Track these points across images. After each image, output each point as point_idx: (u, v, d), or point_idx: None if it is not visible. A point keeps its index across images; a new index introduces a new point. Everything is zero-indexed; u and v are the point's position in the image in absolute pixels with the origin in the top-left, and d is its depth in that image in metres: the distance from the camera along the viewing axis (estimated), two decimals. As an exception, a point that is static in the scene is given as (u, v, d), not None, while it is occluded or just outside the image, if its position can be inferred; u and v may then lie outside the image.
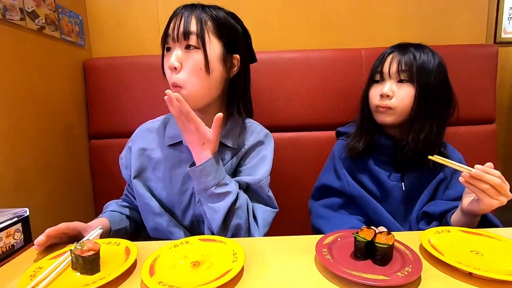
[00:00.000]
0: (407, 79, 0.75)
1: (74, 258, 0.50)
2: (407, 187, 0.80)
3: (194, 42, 0.66)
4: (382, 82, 0.79)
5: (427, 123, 0.75)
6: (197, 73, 0.67)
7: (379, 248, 0.49)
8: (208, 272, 0.48)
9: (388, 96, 0.76)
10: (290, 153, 1.11)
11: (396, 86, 0.77)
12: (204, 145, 0.66)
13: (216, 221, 0.67)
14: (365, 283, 0.44)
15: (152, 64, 1.10)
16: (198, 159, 0.67)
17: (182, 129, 0.67)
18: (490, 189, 0.59)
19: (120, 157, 0.82)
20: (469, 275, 0.47)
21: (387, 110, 0.77)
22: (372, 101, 0.81)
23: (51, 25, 0.94)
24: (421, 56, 0.75)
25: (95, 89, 1.12)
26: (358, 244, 0.51)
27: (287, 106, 1.11)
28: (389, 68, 0.77)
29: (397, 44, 0.81)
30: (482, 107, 1.11)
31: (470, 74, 1.09)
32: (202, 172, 0.65)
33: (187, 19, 0.66)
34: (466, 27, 1.21)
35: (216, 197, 0.66)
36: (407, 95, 0.75)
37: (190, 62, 0.67)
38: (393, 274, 0.46)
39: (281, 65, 1.10)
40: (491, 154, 1.11)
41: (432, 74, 0.75)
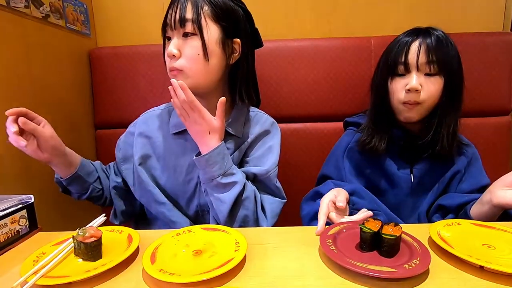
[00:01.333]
0: (436, 72, 0.70)
1: (77, 245, 0.50)
2: (416, 179, 0.78)
3: (190, 29, 0.65)
4: (407, 74, 0.72)
5: (452, 116, 0.72)
6: (195, 59, 0.66)
7: (386, 239, 0.48)
8: (210, 261, 0.47)
9: (417, 91, 0.70)
10: (296, 145, 1.10)
11: (424, 79, 0.71)
12: (210, 133, 0.65)
13: (223, 212, 0.66)
14: (370, 274, 0.42)
15: (157, 53, 1.06)
16: (204, 148, 0.66)
17: (185, 119, 0.66)
18: None
19: (119, 138, 0.83)
20: (480, 268, 0.45)
21: (415, 106, 0.71)
22: (396, 97, 0.74)
23: (55, 13, 0.93)
24: (447, 45, 0.71)
25: (100, 78, 1.11)
26: (364, 235, 0.50)
27: (293, 96, 1.09)
28: (417, 59, 0.70)
29: (416, 28, 0.75)
30: (497, 98, 1.07)
31: (485, 64, 1.05)
32: (208, 162, 0.65)
33: (183, 6, 0.65)
34: (481, 13, 1.15)
35: (223, 187, 0.66)
36: (436, 89, 0.71)
37: (188, 49, 0.66)
38: (400, 266, 0.44)
39: (287, 54, 1.08)
40: (505, 146, 1.07)
41: (456, 65, 0.72)
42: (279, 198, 0.75)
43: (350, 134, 0.86)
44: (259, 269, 0.48)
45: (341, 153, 0.84)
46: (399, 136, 0.78)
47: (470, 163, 0.79)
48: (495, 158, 1.03)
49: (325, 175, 0.85)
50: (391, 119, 0.78)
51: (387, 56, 0.76)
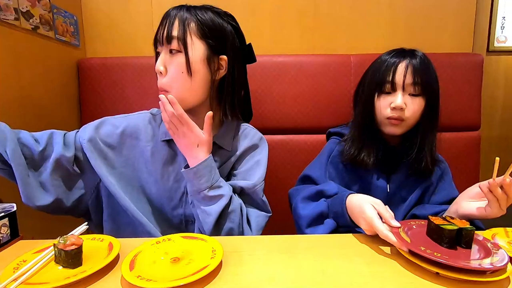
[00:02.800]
0: (420, 93, 0.75)
1: (57, 252, 0.51)
2: (392, 189, 0.82)
3: (175, 46, 0.67)
4: (393, 93, 0.77)
5: (430, 131, 0.78)
6: (179, 76, 0.68)
7: (465, 233, 0.53)
8: (187, 268, 0.50)
9: (401, 109, 0.75)
10: (279, 156, 1.13)
11: (408, 98, 0.76)
12: (199, 146, 0.67)
13: (208, 224, 0.67)
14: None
15: (146, 65, 1.12)
16: (193, 161, 0.68)
17: (174, 133, 0.68)
18: (504, 200, 0.61)
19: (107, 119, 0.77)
20: (436, 274, 0.49)
21: (399, 122, 0.76)
22: (381, 113, 0.78)
23: (45, 25, 0.96)
24: (429, 68, 0.77)
25: (88, 88, 1.13)
26: (449, 233, 0.53)
27: (277, 109, 1.13)
28: (404, 80, 0.74)
29: (402, 50, 0.79)
30: (468, 114, 1.14)
31: (456, 82, 1.12)
32: (196, 174, 0.66)
33: (171, 23, 0.67)
34: (453, 35, 1.24)
35: (209, 200, 0.67)
36: (418, 108, 0.76)
37: (173, 66, 0.68)
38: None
39: (272, 69, 1.13)
40: (475, 159, 1.13)
41: (435, 85, 0.78)
42: (264, 212, 0.76)
43: (333, 143, 0.90)
44: (233, 276, 0.50)
45: (326, 159, 0.87)
46: (379, 148, 0.82)
47: (442, 177, 0.85)
48: (466, 171, 1.10)
49: (309, 176, 0.86)
50: (374, 132, 0.82)
51: (375, 74, 0.80)
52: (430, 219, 0.57)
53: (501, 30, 1.43)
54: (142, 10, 1.19)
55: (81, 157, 0.72)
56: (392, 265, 0.53)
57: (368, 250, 0.59)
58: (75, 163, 0.71)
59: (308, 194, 0.77)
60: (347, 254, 0.57)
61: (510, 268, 0.48)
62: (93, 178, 0.74)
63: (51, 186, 0.68)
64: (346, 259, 0.55)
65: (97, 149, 0.72)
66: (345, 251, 0.58)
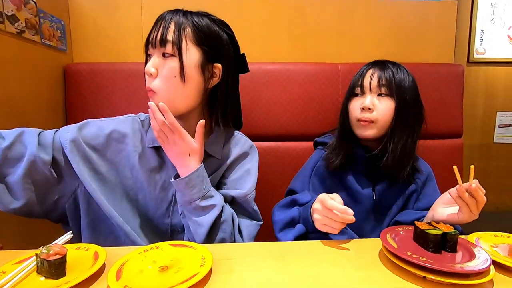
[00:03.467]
0: (387, 93, 0.79)
1: (39, 262, 0.49)
2: (377, 197, 0.83)
3: (170, 50, 0.65)
4: (362, 95, 0.82)
5: (404, 137, 0.79)
6: (171, 80, 0.66)
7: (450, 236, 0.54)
8: (175, 276, 0.49)
9: (370, 109, 0.79)
10: (269, 162, 1.14)
11: (376, 99, 0.80)
12: (190, 155, 0.65)
13: (200, 235, 0.66)
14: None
15: (134, 71, 1.11)
16: (184, 170, 0.65)
17: (164, 141, 0.65)
18: (474, 204, 0.63)
19: (92, 121, 0.73)
20: (423, 278, 0.50)
21: (369, 124, 0.79)
22: (352, 114, 0.83)
23: (31, 29, 0.94)
24: (398, 73, 0.80)
25: (75, 94, 1.11)
26: (433, 238, 0.54)
27: (267, 116, 1.14)
28: (370, 82, 0.80)
29: (375, 60, 0.85)
30: (450, 122, 1.18)
31: (439, 91, 1.16)
32: (188, 184, 0.64)
33: (166, 26, 0.65)
34: (435, 47, 1.29)
35: (201, 210, 0.66)
36: (387, 108, 0.79)
37: (165, 69, 0.66)
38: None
39: (262, 76, 1.14)
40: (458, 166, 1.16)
41: (408, 91, 0.79)
42: (256, 221, 0.76)
43: (318, 154, 0.92)
44: (223, 284, 0.50)
45: (309, 171, 0.89)
46: (361, 155, 0.84)
47: (426, 183, 0.86)
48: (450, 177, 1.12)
49: (292, 190, 0.89)
50: (354, 138, 0.84)
51: (351, 82, 0.86)
52: (416, 224, 0.58)
53: (480, 42, 1.50)
54: (131, 15, 1.19)
55: (61, 160, 0.66)
56: (380, 270, 0.54)
57: (356, 255, 0.59)
58: (53, 166, 0.65)
59: (283, 203, 0.82)
60: (336, 259, 0.58)
61: (493, 271, 0.49)
62: (71, 183, 0.69)
63: (22, 190, 0.62)
64: (336, 265, 0.55)
65: (80, 151, 0.67)
66: (334, 256, 0.59)
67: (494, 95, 1.55)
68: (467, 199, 0.62)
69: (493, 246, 0.59)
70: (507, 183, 1.57)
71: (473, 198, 0.62)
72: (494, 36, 1.48)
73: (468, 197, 0.62)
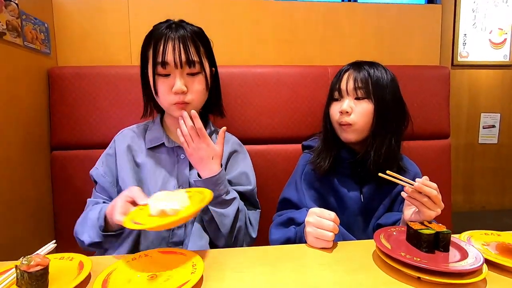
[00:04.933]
0: (364, 96, 0.79)
1: (19, 274, 0.47)
2: (365, 199, 0.83)
3: (197, 69, 0.75)
4: (341, 99, 0.82)
5: (386, 138, 0.79)
6: (201, 93, 0.78)
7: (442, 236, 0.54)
8: (165, 285, 0.47)
9: (347, 113, 0.78)
10: (259, 165, 1.12)
11: (354, 103, 0.80)
12: (213, 159, 0.73)
13: (226, 225, 0.73)
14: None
15: (120, 75, 1.09)
16: (207, 172, 0.72)
17: (189, 146, 0.72)
18: (428, 201, 0.63)
19: (95, 168, 0.81)
20: (418, 279, 0.49)
21: (348, 127, 0.79)
22: (333, 118, 0.83)
23: (12, 31, 0.91)
24: (375, 73, 0.79)
25: (59, 98, 1.07)
26: (426, 238, 0.53)
27: (257, 119, 1.13)
28: (346, 86, 0.80)
29: (353, 62, 0.85)
30: (438, 123, 1.20)
31: (425, 93, 1.18)
32: (217, 181, 0.72)
33: (187, 47, 0.72)
34: (421, 49, 1.32)
35: (226, 204, 0.74)
36: (365, 111, 0.78)
37: (196, 85, 0.76)
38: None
39: (251, 80, 1.13)
40: (446, 166, 1.19)
41: (387, 89, 0.79)
42: (258, 209, 0.87)
43: (305, 157, 0.92)
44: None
45: (299, 176, 0.89)
46: (347, 158, 0.84)
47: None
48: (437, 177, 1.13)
49: (286, 199, 0.88)
50: (339, 141, 0.84)
51: (330, 86, 0.87)
52: (409, 224, 0.58)
53: (463, 46, 1.54)
54: (118, 18, 1.16)
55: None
56: (374, 272, 0.53)
57: (348, 258, 0.59)
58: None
59: (280, 221, 0.82)
60: (329, 263, 0.57)
61: (486, 270, 0.49)
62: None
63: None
64: (329, 269, 0.55)
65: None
66: (327, 260, 0.58)
67: (478, 97, 1.59)
68: (418, 197, 0.63)
69: (485, 244, 0.60)
70: (493, 182, 1.61)
71: (423, 195, 0.63)
72: (476, 40, 1.52)
73: (419, 195, 0.63)
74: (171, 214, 0.55)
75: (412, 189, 0.63)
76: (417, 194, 0.63)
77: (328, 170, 0.83)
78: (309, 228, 0.65)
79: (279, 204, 0.91)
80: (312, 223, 0.65)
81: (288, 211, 0.84)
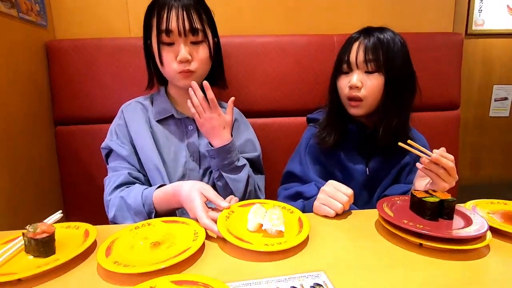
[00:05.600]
0: (375, 69, 0.75)
1: (27, 241, 0.48)
2: (371, 172, 0.82)
3: (201, 37, 0.75)
4: (350, 72, 0.78)
5: (396, 111, 0.76)
6: (206, 62, 0.78)
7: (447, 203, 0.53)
8: (167, 251, 0.48)
9: (357, 87, 0.75)
10: (263, 139, 1.10)
11: (364, 76, 0.75)
12: (225, 128, 0.75)
13: (240, 189, 0.77)
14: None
15: (121, 47, 1.06)
16: (218, 141, 0.74)
17: (200, 116, 0.73)
18: (444, 173, 0.62)
19: (109, 140, 0.79)
20: (419, 246, 0.49)
21: (358, 103, 0.76)
22: (342, 92, 0.80)
23: (5, 1, 0.88)
24: (385, 41, 0.75)
25: (59, 72, 1.06)
26: (430, 205, 0.53)
27: (260, 91, 1.10)
28: (356, 58, 0.75)
29: (361, 29, 0.80)
30: (448, 93, 1.15)
31: (436, 61, 1.13)
32: (229, 149, 0.75)
33: (189, 15, 0.72)
34: (433, 15, 1.24)
35: (238, 169, 0.77)
36: (376, 85, 0.75)
37: (200, 54, 0.75)
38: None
39: (254, 50, 1.09)
40: (455, 138, 1.16)
41: (398, 58, 0.75)
42: (263, 175, 0.90)
43: (310, 131, 0.90)
44: (216, 258, 0.49)
45: (304, 150, 0.87)
46: (354, 131, 0.82)
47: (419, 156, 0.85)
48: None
49: (291, 172, 0.87)
50: (346, 115, 0.82)
51: (338, 55, 0.82)
52: (413, 193, 0.57)
53: (479, 13, 1.45)
54: (114, -13, 1.12)
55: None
56: (376, 240, 0.53)
57: (351, 227, 0.59)
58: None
59: (288, 194, 0.82)
60: (332, 232, 0.57)
61: (490, 236, 0.49)
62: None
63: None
64: (331, 238, 0.55)
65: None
66: (330, 229, 0.58)
67: (491, 68, 1.52)
68: (435, 169, 0.62)
69: (490, 213, 0.59)
70: (502, 157, 1.58)
71: (440, 167, 0.61)
72: (493, 7, 1.43)
73: (435, 167, 0.62)
74: (272, 234, 0.52)
75: (429, 160, 0.62)
76: (433, 166, 0.62)
77: (334, 145, 0.81)
78: (322, 195, 0.66)
79: (283, 177, 0.90)
80: (326, 191, 0.65)
81: (295, 185, 0.84)
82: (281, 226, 0.52)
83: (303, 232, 0.52)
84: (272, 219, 0.53)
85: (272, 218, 0.53)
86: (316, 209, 0.66)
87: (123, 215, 0.68)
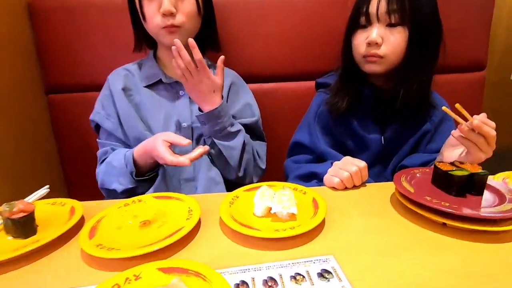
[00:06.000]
0: (399, 21, 0.64)
1: (4, 221, 0.44)
2: (386, 141, 0.75)
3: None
4: (368, 27, 0.67)
5: (419, 72, 0.67)
6: (193, 15, 0.70)
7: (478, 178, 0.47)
8: (158, 232, 0.43)
9: (377, 44, 0.65)
10: (268, 106, 1.03)
11: (385, 30, 0.65)
12: (215, 92, 0.68)
13: (235, 157, 0.72)
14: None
15: (112, 7, 0.95)
16: (209, 106, 0.69)
17: (188, 80, 0.66)
18: (483, 142, 0.54)
19: (95, 112, 0.77)
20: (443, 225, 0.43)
21: (377, 60, 0.67)
22: (357, 50, 0.70)
23: (-27, -48, 0.77)
24: None
25: (46, 35, 0.97)
26: (458, 180, 0.47)
27: (264, 53, 1.00)
28: (377, 8, 0.64)
29: None
30: (474, 53, 1.03)
31: (463, 19, 0.99)
32: (219, 114, 0.69)
33: None
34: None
35: (231, 136, 0.72)
36: (400, 41, 0.65)
37: (186, 6, 0.68)
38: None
39: (256, 6, 0.97)
40: (478, 102, 1.06)
41: (426, 8, 0.64)
42: (264, 142, 0.86)
43: (320, 97, 0.81)
44: (212, 238, 0.44)
45: (313, 118, 0.80)
46: (368, 96, 0.73)
47: (441, 122, 0.76)
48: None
49: (299, 142, 0.81)
50: (360, 78, 0.73)
51: (354, 7, 0.71)
52: (437, 165, 0.50)
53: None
54: None
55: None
56: (391, 217, 0.47)
57: (363, 201, 0.53)
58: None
59: (301, 173, 0.74)
60: (343, 207, 0.51)
61: None
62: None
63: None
64: (342, 213, 0.49)
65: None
66: (341, 204, 0.52)
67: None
68: (474, 137, 0.54)
69: (524, 187, 0.52)
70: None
71: (480, 135, 0.54)
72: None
73: (475, 135, 0.54)
74: (283, 218, 0.46)
75: (468, 128, 0.54)
76: (472, 134, 0.54)
77: (346, 111, 0.73)
78: (334, 167, 0.62)
79: (290, 148, 0.84)
80: (338, 164, 0.62)
81: (304, 157, 0.79)
82: (293, 208, 0.45)
83: (318, 214, 0.46)
84: (282, 201, 0.46)
85: (281, 200, 0.47)
86: (326, 180, 0.62)
87: (110, 179, 0.68)
